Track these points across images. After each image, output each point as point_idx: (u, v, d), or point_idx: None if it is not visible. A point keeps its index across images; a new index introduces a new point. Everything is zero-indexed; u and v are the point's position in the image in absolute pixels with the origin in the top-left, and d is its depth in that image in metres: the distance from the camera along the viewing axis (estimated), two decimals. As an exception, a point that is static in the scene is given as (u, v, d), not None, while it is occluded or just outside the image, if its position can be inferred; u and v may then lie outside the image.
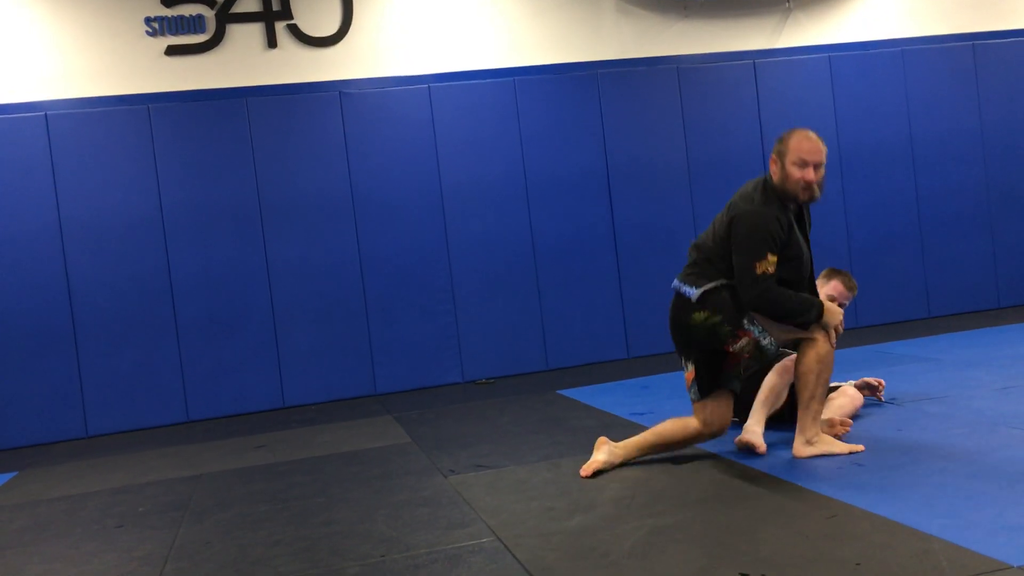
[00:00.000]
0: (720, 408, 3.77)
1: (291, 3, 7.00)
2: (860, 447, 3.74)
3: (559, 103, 7.34)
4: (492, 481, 3.94)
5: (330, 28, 7.08)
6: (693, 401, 3.82)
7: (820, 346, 3.68)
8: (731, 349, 3.68)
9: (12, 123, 6.47)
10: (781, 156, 3.70)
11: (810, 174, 3.66)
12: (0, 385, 6.38)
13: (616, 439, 4.03)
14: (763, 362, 3.89)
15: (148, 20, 6.76)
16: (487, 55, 7.33)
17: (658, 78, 7.52)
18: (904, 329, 7.46)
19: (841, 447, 3.73)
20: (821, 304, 3.70)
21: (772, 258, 3.60)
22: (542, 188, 7.29)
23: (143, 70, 6.76)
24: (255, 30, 6.95)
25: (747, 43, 7.82)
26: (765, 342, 3.69)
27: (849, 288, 4.44)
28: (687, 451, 4.07)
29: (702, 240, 3.84)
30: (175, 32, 6.80)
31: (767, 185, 3.74)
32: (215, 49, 6.86)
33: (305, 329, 6.89)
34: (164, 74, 6.78)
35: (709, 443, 4.12)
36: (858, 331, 7.54)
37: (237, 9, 6.90)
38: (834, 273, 4.49)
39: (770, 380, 4.10)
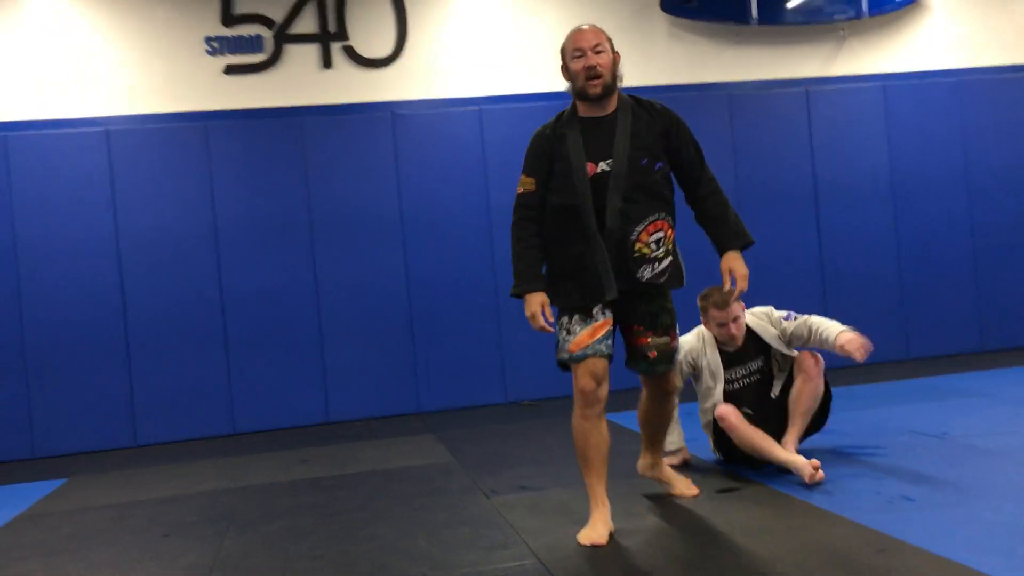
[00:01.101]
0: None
1: (347, 25, 7.12)
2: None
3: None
4: (535, 503, 3.93)
5: (384, 50, 7.18)
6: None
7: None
8: None
9: (75, 138, 6.65)
10: (562, 59, 3.36)
11: (590, 59, 3.25)
12: (52, 392, 6.53)
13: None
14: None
15: (208, 40, 6.92)
16: (539, 78, 7.37)
17: (708, 104, 7.51)
18: (957, 363, 7.32)
19: (679, 486, 3.82)
20: (526, 290, 3.30)
21: (525, 178, 3.33)
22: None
23: (202, 88, 6.91)
24: (311, 51, 7.08)
25: (800, 70, 7.78)
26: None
27: (711, 306, 4.13)
28: (731, 479, 4.02)
29: None
30: (234, 52, 6.95)
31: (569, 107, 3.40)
32: (272, 69, 7.00)
33: (351, 345, 6.95)
34: (222, 92, 6.92)
35: (752, 471, 4.07)
36: (909, 363, 7.41)
37: (294, 30, 7.04)
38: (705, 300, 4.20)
39: (799, 389, 4.12)
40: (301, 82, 7.05)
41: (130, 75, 6.84)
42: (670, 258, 3.40)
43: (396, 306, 7.01)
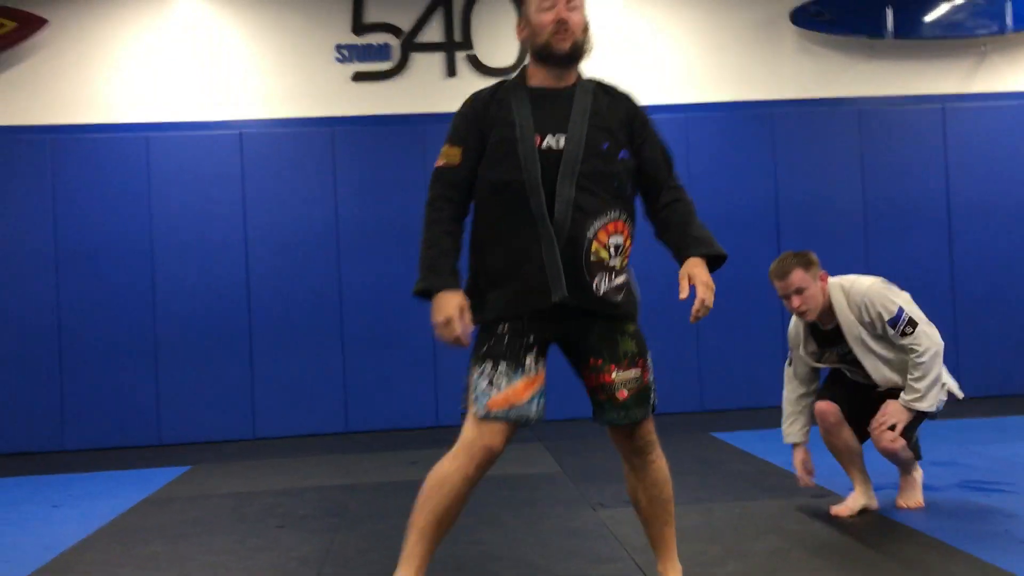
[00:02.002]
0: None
1: (472, 34, 7.22)
2: None
3: (731, 141, 7.23)
4: (642, 519, 3.87)
5: (507, 59, 7.25)
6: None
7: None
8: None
9: (211, 140, 6.95)
10: (521, 7, 2.67)
11: (562, 12, 2.59)
12: (179, 383, 6.82)
13: (771, 488, 3.89)
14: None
15: (339, 47, 7.13)
16: (659, 89, 7.31)
17: (837, 120, 7.29)
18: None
19: None
20: (435, 279, 2.54)
21: (448, 148, 2.60)
22: (710, 225, 7.16)
23: (331, 94, 7.12)
24: (437, 59, 7.21)
25: (937, 87, 7.47)
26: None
27: (770, 276, 3.67)
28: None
29: None
30: (363, 59, 7.14)
31: (524, 65, 2.73)
32: (398, 76, 7.16)
33: (464, 349, 7.01)
34: (350, 99, 7.12)
35: (881, 496, 3.91)
36: (959, 402, 7.01)
37: (421, 39, 7.19)
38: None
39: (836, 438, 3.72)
40: (426, 90, 7.18)
41: (264, 81, 7.11)
42: (625, 276, 2.65)
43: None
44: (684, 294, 2.55)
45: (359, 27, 7.16)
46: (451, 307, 2.50)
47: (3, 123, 6.88)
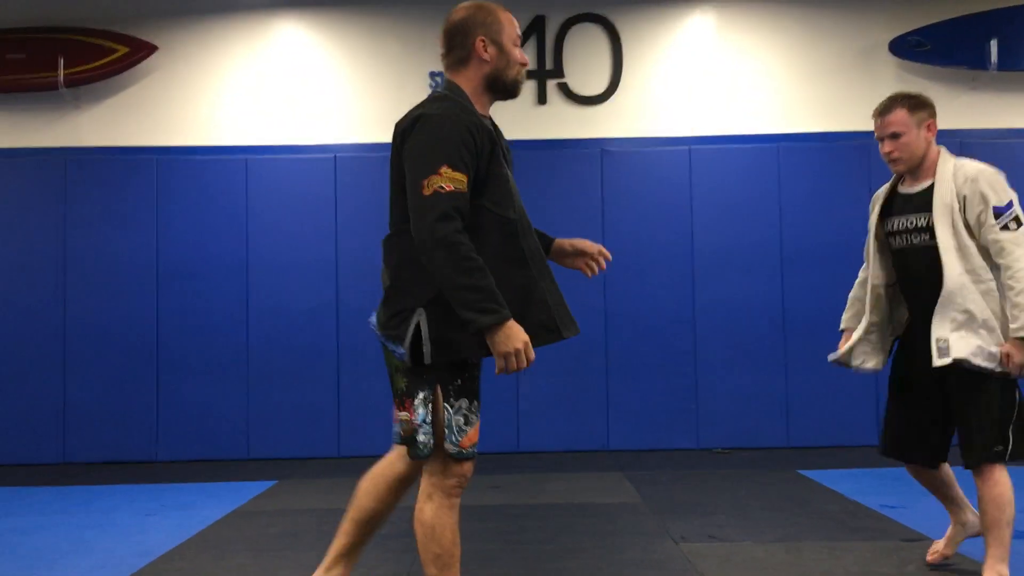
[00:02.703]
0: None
1: (564, 63, 7.27)
2: None
3: (824, 172, 7.11)
4: (726, 555, 3.80)
5: (598, 88, 7.27)
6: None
7: (422, 499, 2.57)
8: (395, 411, 2.63)
9: (306, 163, 7.14)
10: (494, 35, 2.60)
11: (525, 56, 2.69)
12: (268, 399, 6.98)
13: (861, 529, 3.77)
14: (411, 457, 2.59)
15: (432, 74, 7.26)
16: (752, 119, 7.24)
17: (936, 152, 7.08)
18: None
19: None
20: (509, 314, 2.40)
21: (455, 174, 2.41)
22: (798, 258, 7.05)
23: (423, 120, 7.24)
24: (528, 87, 7.28)
25: (1043, 119, 7.21)
26: (421, 439, 2.51)
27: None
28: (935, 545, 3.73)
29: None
30: (455, 86, 7.25)
31: (459, 91, 2.62)
32: (489, 104, 7.24)
33: (546, 376, 7.02)
34: (441, 125, 7.22)
35: (967, 544, 3.76)
36: None
37: (513, 67, 7.27)
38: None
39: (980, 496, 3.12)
40: (516, 116, 7.25)
41: (359, 106, 7.29)
42: None
43: (593, 340, 7.03)
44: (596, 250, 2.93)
45: (452, 55, 7.28)
46: (524, 334, 2.44)
47: (114, 144, 7.21)
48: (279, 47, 7.33)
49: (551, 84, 7.28)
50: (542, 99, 7.26)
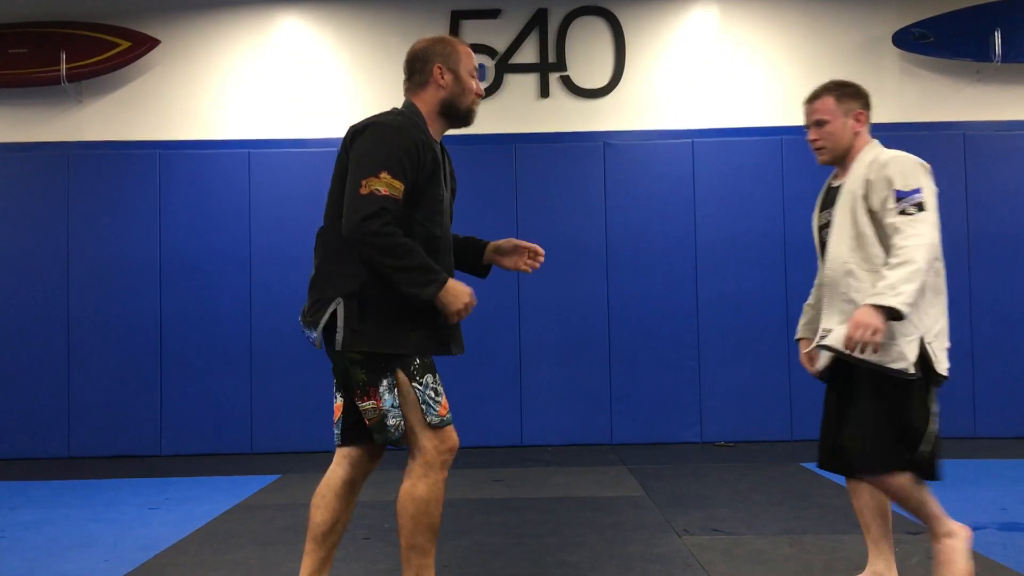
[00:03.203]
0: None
1: (566, 56, 7.26)
2: None
3: (828, 165, 7.08)
4: (729, 548, 3.81)
5: (601, 80, 7.26)
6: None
7: (415, 476, 2.71)
8: (356, 403, 2.75)
9: (308, 156, 7.12)
10: (451, 64, 2.80)
11: (480, 87, 2.90)
12: (272, 393, 6.99)
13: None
14: (379, 442, 2.75)
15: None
16: (755, 112, 7.22)
17: (940, 144, 7.07)
18: None
19: None
20: (446, 276, 2.65)
21: (393, 181, 2.59)
22: (801, 250, 7.02)
23: (425, 114, 7.24)
24: (530, 80, 7.27)
25: (1047, 111, 7.19)
26: (391, 422, 2.68)
27: None
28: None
29: (327, 224, 2.81)
30: (457, 80, 7.24)
31: (406, 110, 2.81)
32: (492, 97, 7.23)
33: (549, 370, 7.03)
34: (443, 118, 7.22)
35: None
36: (977, 442, 6.64)
37: (516, 60, 7.26)
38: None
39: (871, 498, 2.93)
40: (519, 110, 7.25)
41: (361, 100, 7.28)
42: None
43: (596, 334, 7.03)
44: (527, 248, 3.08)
45: (455, 48, 7.27)
46: (465, 287, 2.68)
47: (115, 138, 7.21)
48: (281, 41, 7.32)
49: (553, 77, 7.27)
50: (544, 92, 7.25)
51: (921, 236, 2.70)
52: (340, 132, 7.37)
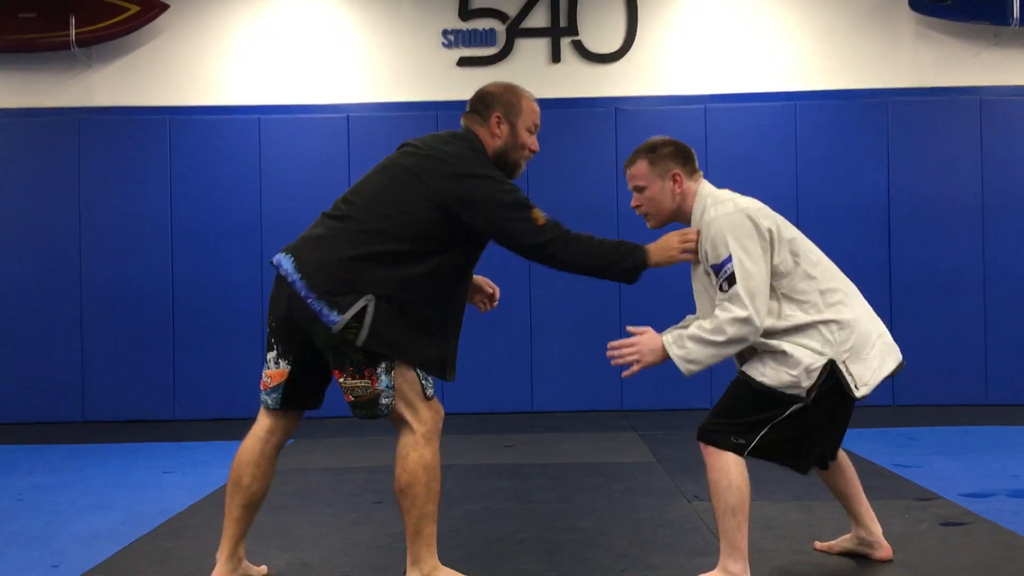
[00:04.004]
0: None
1: (578, 20, 7.19)
2: None
3: (843, 130, 7.02)
4: (738, 513, 3.82)
5: (613, 45, 7.19)
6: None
7: (422, 445, 2.78)
8: (338, 378, 2.80)
9: (319, 123, 7.11)
10: (511, 116, 2.88)
11: (536, 144, 2.95)
12: (285, 358, 7.02)
13: (873, 488, 3.78)
14: (362, 417, 2.83)
15: (445, 32, 7.20)
16: (769, 77, 7.15)
17: (956, 109, 7.00)
18: None
19: None
20: (638, 248, 2.81)
21: (539, 211, 2.78)
22: (814, 217, 6.99)
23: (435, 79, 7.20)
24: (541, 45, 7.21)
25: (1065, 76, 7.10)
26: (384, 401, 2.77)
27: None
28: (955, 514, 3.73)
29: (365, 218, 2.81)
30: (468, 44, 7.19)
31: (478, 147, 2.88)
32: (502, 62, 7.18)
33: (559, 336, 7.04)
34: (454, 83, 7.18)
35: (981, 504, 3.77)
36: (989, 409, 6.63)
37: (527, 24, 7.19)
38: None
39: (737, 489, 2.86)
40: (529, 75, 7.18)
41: (371, 65, 7.24)
42: None
43: (607, 303, 7.02)
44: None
45: (465, 12, 7.21)
46: (669, 238, 2.88)
47: (126, 103, 7.20)
48: (291, 5, 7.27)
49: (565, 42, 7.20)
50: (556, 57, 7.19)
51: (729, 311, 2.75)
52: (351, 97, 7.39)
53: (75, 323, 7.04)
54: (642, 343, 2.89)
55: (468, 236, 2.79)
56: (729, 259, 2.75)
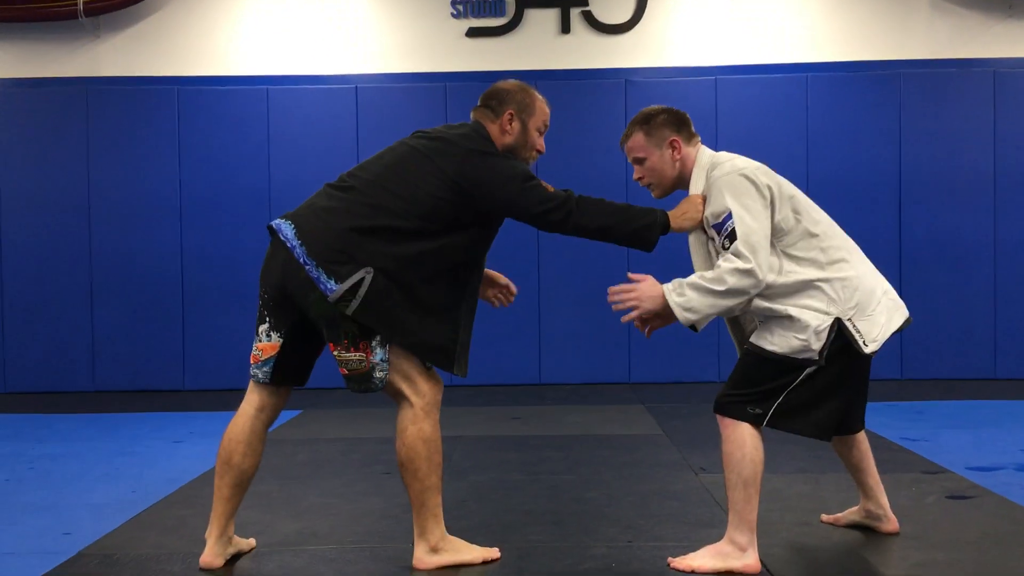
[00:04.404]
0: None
1: (588, -10, 7.13)
2: (495, 552, 2.90)
3: (854, 102, 6.96)
4: (745, 486, 3.83)
5: (623, 16, 7.13)
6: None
7: (421, 418, 2.82)
8: (333, 351, 2.80)
9: (327, 93, 7.08)
10: (524, 115, 2.93)
11: (542, 145, 3.00)
12: (294, 330, 7.05)
13: (881, 462, 3.78)
14: (356, 390, 2.84)
15: (454, 3, 7.14)
16: (780, 49, 7.08)
17: (970, 81, 6.93)
18: None
19: (475, 554, 2.86)
20: (657, 211, 2.84)
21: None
22: (825, 189, 6.94)
23: (444, 50, 7.15)
24: (551, 16, 7.14)
25: (1081, 48, 7.01)
26: (379, 375, 2.78)
27: None
28: (963, 487, 3.74)
29: (373, 194, 2.80)
30: (477, 15, 7.13)
31: (487, 136, 2.92)
32: (512, 32, 7.13)
33: (568, 308, 7.04)
34: (463, 54, 7.14)
35: (988, 478, 3.77)
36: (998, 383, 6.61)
37: (536, -6, 7.13)
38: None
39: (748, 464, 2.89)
40: (539, 47, 7.14)
41: (380, 36, 7.19)
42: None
43: (615, 275, 6.98)
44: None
45: (474, -18, 7.15)
46: (686, 203, 2.88)
47: (133, 73, 7.17)
48: (298, -26, 7.21)
49: (575, 12, 7.14)
50: (565, 28, 7.13)
51: (731, 262, 2.75)
52: (360, 68, 7.35)
53: (85, 293, 7.07)
54: (642, 289, 2.90)
55: (474, 219, 2.79)
56: (729, 216, 2.76)
